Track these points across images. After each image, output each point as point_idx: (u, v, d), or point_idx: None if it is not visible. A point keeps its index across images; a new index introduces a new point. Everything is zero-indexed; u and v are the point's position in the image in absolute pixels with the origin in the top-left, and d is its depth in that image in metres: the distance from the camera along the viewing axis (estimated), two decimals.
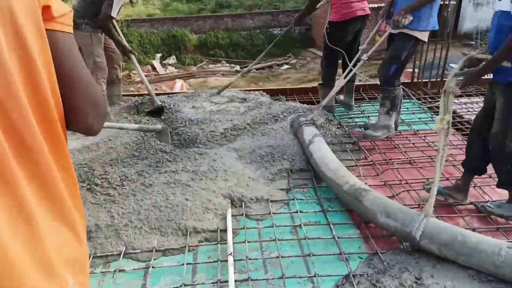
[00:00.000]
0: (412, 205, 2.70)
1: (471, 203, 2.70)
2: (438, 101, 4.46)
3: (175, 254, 2.33)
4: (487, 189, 2.87)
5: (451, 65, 11.00)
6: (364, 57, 3.61)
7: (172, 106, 4.23)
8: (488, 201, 2.67)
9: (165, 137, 3.51)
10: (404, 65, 3.42)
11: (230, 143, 3.49)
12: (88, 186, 2.78)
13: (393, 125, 3.55)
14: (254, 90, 4.98)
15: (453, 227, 2.19)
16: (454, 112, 4.25)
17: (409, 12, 3.17)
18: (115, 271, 2.19)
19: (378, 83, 3.77)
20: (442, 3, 4.59)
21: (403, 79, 4.49)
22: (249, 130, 3.66)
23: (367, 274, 2.10)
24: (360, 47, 3.76)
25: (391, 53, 3.40)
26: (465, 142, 2.83)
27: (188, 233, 2.45)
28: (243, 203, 2.74)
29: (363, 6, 3.91)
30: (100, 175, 2.90)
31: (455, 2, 5.57)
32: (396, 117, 3.61)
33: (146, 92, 4.53)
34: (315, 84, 4.72)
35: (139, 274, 2.20)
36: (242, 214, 2.65)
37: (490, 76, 2.46)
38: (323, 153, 3.04)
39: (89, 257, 2.27)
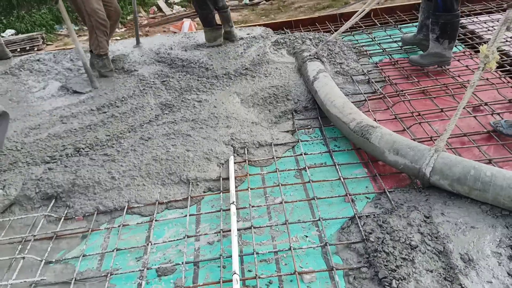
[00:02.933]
0: (424, 138, 2.55)
1: (487, 132, 2.53)
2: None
3: (178, 207, 2.31)
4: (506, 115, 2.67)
5: None
6: None
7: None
8: (502, 120, 2.52)
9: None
10: None
11: (230, 87, 3.31)
12: (86, 150, 2.73)
13: (447, 54, 3.21)
14: (256, 25, 4.67)
15: (466, 160, 2.04)
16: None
17: None
18: (119, 226, 2.20)
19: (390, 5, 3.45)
20: None
21: None
22: (251, 71, 3.46)
23: (374, 215, 2.03)
24: None
25: None
26: None
27: (191, 184, 2.41)
28: (246, 150, 2.65)
29: None
30: (90, 137, 2.85)
31: None
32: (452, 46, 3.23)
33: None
34: (326, 12, 4.34)
35: (143, 228, 2.20)
36: (245, 161, 2.57)
37: None
38: (329, 90, 2.86)
39: (94, 215, 2.28)
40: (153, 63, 3.87)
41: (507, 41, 3.52)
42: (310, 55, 3.40)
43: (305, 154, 2.57)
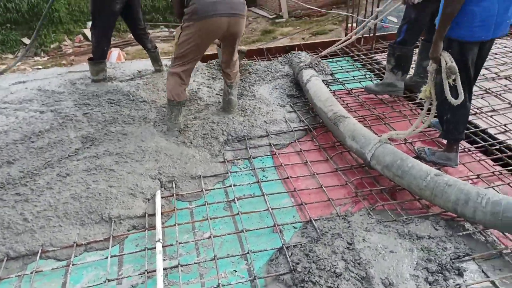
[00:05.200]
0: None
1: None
2: (372, 57, 4.47)
3: (98, 248, 2.16)
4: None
5: (389, 17, 11.11)
6: None
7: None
8: (425, 147, 2.77)
9: None
10: (414, 25, 3.27)
11: (160, 119, 3.24)
12: None
13: (399, 85, 3.50)
14: None
15: (398, 152, 2.42)
16: None
17: None
18: (31, 273, 2.00)
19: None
20: None
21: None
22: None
23: (301, 245, 2.06)
24: None
25: (404, 13, 3.34)
26: None
27: (113, 222, 2.27)
28: (174, 183, 2.58)
29: None
30: (2, 174, 2.61)
31: None
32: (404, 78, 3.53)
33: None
34: (258, 45, 4.49)
35: (59, 274, 2.02)
36: (172, 195, 2.50)
37: None
38: (317, 88, 3.38)
39: (3, 261, 2.05)
40: (73, 93, 3.69)
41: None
42: (305, 65, 3.87)
43: (234, 185, 2.57)
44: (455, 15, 2.24)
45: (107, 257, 2.07)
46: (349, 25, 5.32)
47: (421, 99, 2.58)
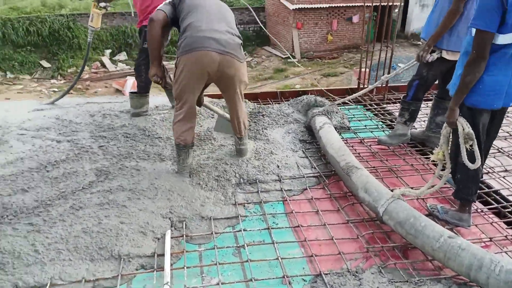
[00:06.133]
0: None
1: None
2: (384, 107, 4.55)
3: (106, 286, 2.14)
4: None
5: (399, 64, 11.41)
6: None
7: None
8: (438, 205, 2.78)
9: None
10: (426, 81, 3.39)
11: (174, 158, 3.28)
12: (10, 218, 2.50)
13: (408, 133, 3.67)
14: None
15: (411, 210, 2.42)
16: None
17: (432, 45, 3.18)
18: None
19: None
20: (386, 3, 4.68)
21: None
22: (197, 146, 3.47)
23: None
24: None
25: (417, 69, 3.47)
26: None
27: (122, 260, 2.27)
28: (184, 224, 2.59)
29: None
30: (16, 202, 2.64)
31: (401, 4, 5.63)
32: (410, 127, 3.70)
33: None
34: (270, 82, 4.57)
35: None
36: (182, 236, 2.50)
37: None
38: (330, 136, 3.46)
39: None
40: (90, 124, 3.77)
41: None
42: (319, 112, 3.92)
43: (244, 230, 2.56)
44: (473, 83, 2.30)
45: None
46: (362, 69, 5.38)
47: (433, 161, 2.60)
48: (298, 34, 18.20)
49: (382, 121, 4.30)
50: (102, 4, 3.94)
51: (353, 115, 4.47)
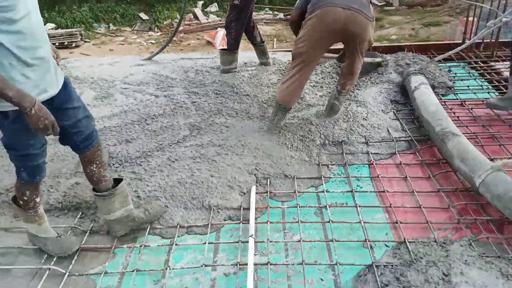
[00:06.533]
0: None
1: None
2: (492, 66, 4.06)
3: (198, 232, 2.36)
4: None
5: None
6: None
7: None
8: None
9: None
10: None
11: (261, 116, 3.35)
12: (116, 166, 2.82)
13: None
14: (284, 51, 4.73)
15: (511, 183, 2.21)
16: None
17: None
18: (140, 246, 2.27)
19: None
20: None
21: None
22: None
23: (392, 266, 2.02)
24: None
25: None
26: None
27: (212, 210, 2.46)
28: (268, 181, 2.69)
29: None
30: (121, 151, 2.94)
31: None
32: None
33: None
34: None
35: (163, 250, 2.26)
36: (266, 192, 2.61)
37: None
38: (426, 98, 3.21)
39: None
40: (183, 80, 3.98)
41: None
42: (415, 70, 3.66)
43: (327, 191, 2.59)
44: None
45: (205, 243, 2.25)
46: (470, 18, 4.76)
47: None
48: None
49: (488, 82, 3.85)
50: None
51: (455, 74, 4.07)
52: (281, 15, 16.84)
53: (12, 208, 2.45)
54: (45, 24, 12.04)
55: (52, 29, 11.44)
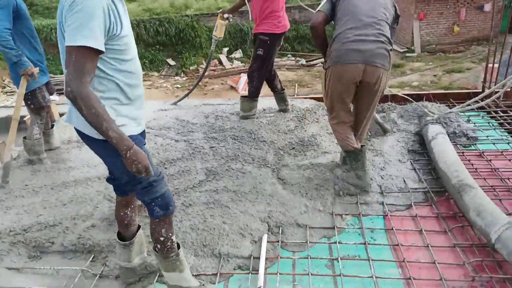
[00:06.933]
0: None
1: None
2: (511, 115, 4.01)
3: (206, 281, 2.35)
4: None
5: None
6: None
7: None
8: None
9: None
10: None
11: (277, 163, 3.39)
12: None
13: None
14: (302, 98, 4.83)
15: None
16: None
17: None
18: None
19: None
20: None
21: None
22: (298, 151, 3.54)
23: None
24: None
25: None
26: None
27: (222, 259, 2.46)
28: (280, 229, 2.68)
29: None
30: None
31: None
32: None
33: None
34: None
35: None
36: (278, 241, 2.59)
37: None
38: (443, 148, 3.21)
39: None
40: (204, 125, 4.10)
41: None
42: (432, 119, 3.68)
43: (339, 242, 2.55)
44: None
45: None
46: (490, 65, 4.75)
47: None
48: (419, 26, 16.88)
49: (508, 132, 3.80)
50: (226, 16, 4.22)
51: (474, 123, 4.04)
52: (303, 61, 17.30)
53: (38, 248, 2.54)
54: None
55: None
